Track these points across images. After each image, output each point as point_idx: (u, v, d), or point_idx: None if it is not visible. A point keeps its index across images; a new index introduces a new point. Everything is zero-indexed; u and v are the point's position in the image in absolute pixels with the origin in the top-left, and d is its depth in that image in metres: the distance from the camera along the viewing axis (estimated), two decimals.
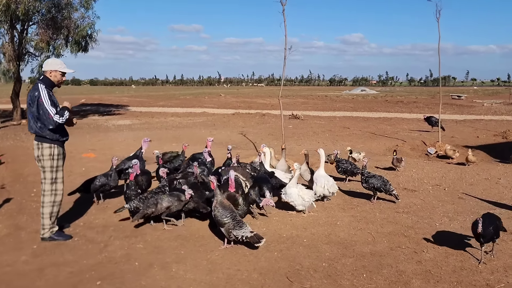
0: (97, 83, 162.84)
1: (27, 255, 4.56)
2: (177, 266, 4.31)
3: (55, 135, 4.89)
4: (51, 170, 4.93)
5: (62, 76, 5.08)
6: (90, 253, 4.63)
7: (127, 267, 4.27)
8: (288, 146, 12.96)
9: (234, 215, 4.81)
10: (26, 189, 7.49)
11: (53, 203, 5.01)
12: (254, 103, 34.05)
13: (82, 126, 18.49)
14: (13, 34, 17.95)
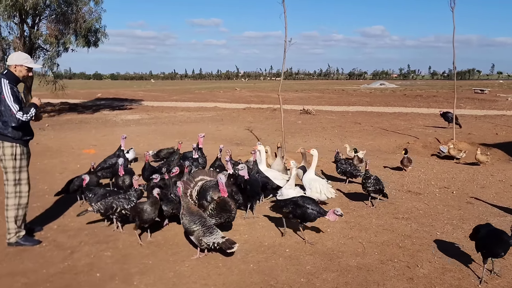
0: (118, 77, 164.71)
1: None
2: (140, 278, 3.95)
3: (17, 133, 4.58)
4: (14, 171, 4.63)
5: (28, 71, 4.76)
6: (53, 261, 4.32)
7: (86, 279, 3.93)
8: (293, 143, 12.51)
9: (204, 221, 4.43)
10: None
11: (18, 205, 4.71)
12: (268, 97, 33.52)
13: (90, 121, 18.43)
14: (23, 29, 17.93)
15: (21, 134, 4.61)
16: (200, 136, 7.54)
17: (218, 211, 4.76)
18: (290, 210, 4.86)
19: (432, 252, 4.57)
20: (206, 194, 5.27)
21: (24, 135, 4.66)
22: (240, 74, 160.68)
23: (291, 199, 5.03)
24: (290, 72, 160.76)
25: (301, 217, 4.79)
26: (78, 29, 18.07)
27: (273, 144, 10.83)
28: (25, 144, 4.71)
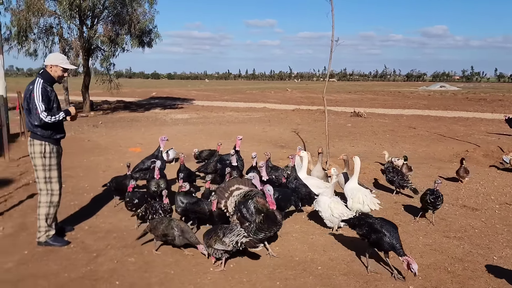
0: (174, 77, 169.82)
1: (13, 262, 4.28)
2: None
3: (46, 132, 4.57)
4: (43, 168, 4.63)
5: (64, 72, 4.76)
6: (77, 264, 4.24)
7: (104, 287, 3.80)
8: (340, 147, 11.97)
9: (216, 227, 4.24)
10: None
11: (49, 203, 4.71)
12: (319, 99, 32.78)
13: (141, 119, 18.90)
14: (82, 30, 18.74)
15: (50, 132, 4.60)
16: (238, 139, 7.30)
17: (269, 224, 4.34)
18: (363, 232, 4.25)
19: (487, 280, 3.99)
20: (249, 205, 4.67)
21: (54, 134, 4.65)
22: (293, 74, 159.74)
23: (367, 220, 4.31)
24: (344, 73, 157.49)
25: (375, 244, 4.14)
26: (132, 30, 18.60)
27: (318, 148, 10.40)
28: (55, 143, 4.69)
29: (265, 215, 4.38)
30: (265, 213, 4.41)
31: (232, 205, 4.92)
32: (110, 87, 21.18)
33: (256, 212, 4.55)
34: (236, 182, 5.18)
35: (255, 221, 4.42)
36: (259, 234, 4.36)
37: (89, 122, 17.45)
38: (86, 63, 19.98)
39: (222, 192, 5.01)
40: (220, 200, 4.94)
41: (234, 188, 5.06)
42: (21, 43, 17.19)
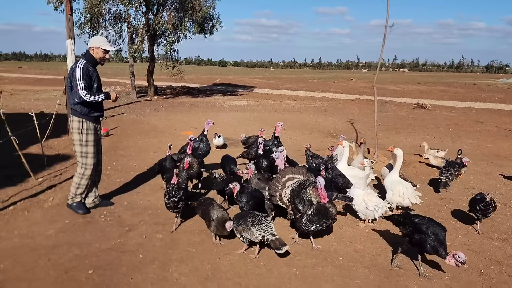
0: (241, 64, 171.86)
1: (55, 229, 4.67)
2: (177, 266, 3.90)
3: (84, 109, 4.89)
4: (80, 143, 4.98)
5: (105, 53, 5.02)
6: (109, 236, 4.52)
7: (129, 259, 4.01)
8: (395, 139, 11.50)
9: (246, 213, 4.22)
10: (107, 162, 7.87)
11: (82, 175, 5.08)
12: (383, 89, 31.51)
13: (200, 105, 19.42)
14: (148, 17, 19.53)
15: (88, 110, 4.91)
16: (278, 125, 7.26)
17: (319, 217, 4.18)
18: (407, 232, 3.98)
19: None
20: (302, 196, 4.44)
21: (91, 112, 4.96)
22: (361, 64, 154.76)
23: (412, 219, 4.01)
24: (417, 63, 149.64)
25: (417, 245, 3.85)
26: (194, 17, 19.05)
27: (371, 139, 10.07)
28: (92, 120, 5.01)
29: (316, 207, 4.22)
30: (315, 205, 4.25)
31: (287, 196, 4.71)
32: (174, 73, 21.93)
33: (310, 203, 4.35)
34: (289, 171, 4.87)
35: (306, 212, 4.28)
36: (310, 226, 4.23)
37: (152, 106, 18.26)
38: (151, 49, 20.81)
39: (274, 185, 4.79)
40: (274, 193, 4.75)
41: (286, 179, 4.79)
42: (93, 29, 18.32)
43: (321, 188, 4.15)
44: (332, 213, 4.18)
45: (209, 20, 20.44)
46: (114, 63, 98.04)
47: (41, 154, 7.62)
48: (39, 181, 6.46)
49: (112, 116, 14.44)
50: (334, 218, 4.23)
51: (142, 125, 13.02)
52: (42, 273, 3.73)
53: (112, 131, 11.26)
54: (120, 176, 6.97)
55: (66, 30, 13.19)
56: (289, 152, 8.63)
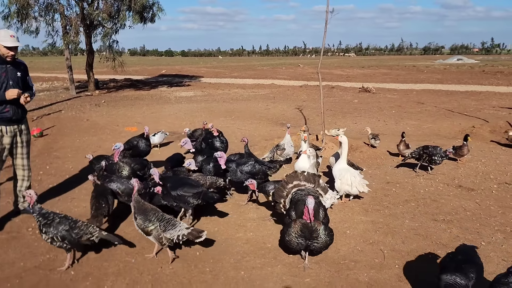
0: (188, 54, 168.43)
1: None
2: (114, 279, 3.56)
3: None
4: None
5: (8, 50, 4.36)
6: (37, 252, 4.08)
7: (58, 277, 3.62)
8: (342, 124, 11.58)
9: (160, 215, 3.84)
10: (39, 166, 7.28)
11: None
12: (330, 74, 32.01)
13: (145, 98, 18.67)
14: (82, 6, 18.38)
15: None
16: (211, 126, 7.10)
17: (302, 234, 3.62)
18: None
19: None
20: (298, 207, 3.88)
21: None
22: (308, 50, 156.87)
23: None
24: (360, 47, 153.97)
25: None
26: (133, 6, 18.14)
27: (319, 126, 10.05)
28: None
29: (300, 223, 3.63)
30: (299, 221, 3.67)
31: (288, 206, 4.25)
32: (114, 65, 20.90)
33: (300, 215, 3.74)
34: (296, 178, 4.34)
35: (292, 225, 3.68)
36: (297, 239, 3.64)
37: (92, 101, 17.32)
38: (88, 41, 19.68)
39: (280, 191, 4.33)
40: (279, 200, 4.30)
41: (292, 185, 4.30)
42: (21, 21, 16.94)
43: (308, 208, 3.56)
44: (315, 233, 3.61)
45: (149, 8, 19.59)
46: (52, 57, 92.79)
47: None
48: None
49: (48, 114, 13.49)
50: (319, 239, 3.63)
51: (82, 122, 12.24)
52: None
53: (47, 131, 10.47)
54: (54, 180, 6.42)
55: None
56: (238, 144, 8.41)
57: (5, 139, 4.60)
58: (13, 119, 4.60)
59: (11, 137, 4.64)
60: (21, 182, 4.94)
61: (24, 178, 4.94)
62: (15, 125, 4.66)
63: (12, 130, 4.63)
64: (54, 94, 19.56)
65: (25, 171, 4.93)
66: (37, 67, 46.13)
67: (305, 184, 4.30)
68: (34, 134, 9.62)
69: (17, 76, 4.57)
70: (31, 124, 11.09)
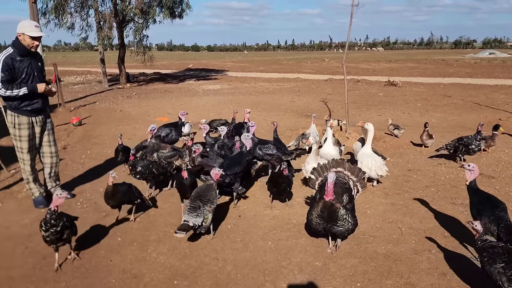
0: (214, 49, 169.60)
1: (30, 218, 4.68)
2: (155, 246, 4.00)
3: (13, 103, 4.59)
4: (14, 138, 4.76)
5: (32, 40, 4.51)
6: (87, 221, 4.55)
7: (107, 242, 4.09)
8: (366, 116, 11.77)
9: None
10: (81, 151, 7.84)
11: (23, 170, 4.93)
12: (356, 68, 31.90)
13: (173, 90, 19.25)
14: (115, 2, 19.06)
15: (17, 103, 4.59)
16: (246, 112, 7.38)
17: (321, 214, 3.69)
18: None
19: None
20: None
21: (22, 105, 4.63)
22: (334, 44, 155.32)
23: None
24: (388, 41, 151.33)
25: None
26: (163, 1, 18.71)
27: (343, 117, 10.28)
28: (26, 114, 4.69)
29: (322, 203, 3.72)
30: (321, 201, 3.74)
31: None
32: (144, 59, 21.59)
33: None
34: (341, 166, 4.39)
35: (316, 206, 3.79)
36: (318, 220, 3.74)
37: (124, 93, 18.01)
38: (121, 36, 20.40)
39: (322, 170, 4.43)
40: (317, 177, 4.42)
41: (335, 171, 4.32)
42: (58, 17, 17.78)
43: (329, 183, 3.65)
44: (337, 214, 3.66)
45: (179, 4, 20.13)
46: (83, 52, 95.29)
47: (11, 146, 7.48)
48: (11, 173, 6.40)
49: (84, 105, 14.19)
50: (339, 221, 3.67)
51: (115, 113, 12.86)
52: (20, 260, 3.77)
53: (85, 120, 11.11)
54: (95, 163, 6.96)
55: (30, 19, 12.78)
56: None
57: (36, 128, 4.85)
58: (41, 110, 4.85)
59: (40, 127, 4.88)
60: (49, 169, 5.11)
61: (52, 165, 5.11)
62: (42, 115, 4.89)
63: (41, 119, 4.86)
64: (88, 87, 20.42)
65: (53, 158, 5.10)
66: (70, 61, 47.77)
67: (348, 174, 4.33)
68: (74, 123, 10.27)
69: (39, 67, 4.77)
70: (69, 115, 11.89)
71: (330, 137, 6.09)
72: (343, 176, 4.26)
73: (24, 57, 4.57)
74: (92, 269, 3.61)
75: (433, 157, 7.19)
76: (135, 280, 3.45)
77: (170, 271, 3.57)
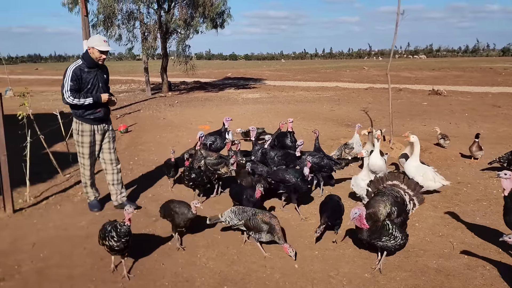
0: (251, 57, 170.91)
1: (86, 221, 4.92)
2: (204, 251, 4.10)
3: (78, 111, 4.86)
4: (77, 144, 5.01)
5: (101, 53, 4.80)
6: (138, 226, 4.73)
7: (158, 246, 4.23)
8: (410, 126, 11.53)
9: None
10: (129, 157, 8.14)
11: (83, 174, 5.16)
12: (397, 76, 31.27)
13: (214, 99, 19.62)
14: (160, 14, 19.76)
15: (81, 112, 4.86)
16: (289, 121, 7.42)
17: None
18: None
19: None
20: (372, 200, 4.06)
21: (86, 114, 4.88)
22: (373, 52, 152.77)
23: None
24: (430, 49, 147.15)
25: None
26: (206, 12, 19.19)
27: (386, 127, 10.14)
28: (89, 122, 4.93)
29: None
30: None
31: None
32: (186, 69, 22.17)
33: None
34: (398, 179, 4.29)
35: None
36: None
37: (167, 101, 18.53)
38: (164, 46, 21.06)
39: (378, 182, 4.37)
40: (374, 190, 4.32)
41: (391, 184, 4.27)
42: (107, 29, 18.63)
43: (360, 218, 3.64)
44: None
45: (220, 15, 20.56)
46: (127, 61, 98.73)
47: (66, 151, 7.91)
48: (66, 177, 6.74)
49: (129, 113, 14.74)
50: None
51: (159, 120, 13.26)
52: (79, 260, 3.97)
53: (131, 128, 11.52)
54: (143, 170, 7.21)
55: (82, 31, 13.46)
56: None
57: (97, 136, 5.08)
58: (103, 119, 5.09)
59: (101, 135, 5.11)
60: (111, 175, 5.28)
61: (114, 171, 5.29)
62: (104, 124, 5.13)
63: (102, 128, 5.09)
64: (132, 95, 21.18)
65: (113, 164, 5.27)
66: (115, 70, 49.60)
67: (404, 188, 4.21)
68: (121, 130, 10.68)
69: (104, 79, 5.05)
70: (116, 122, 12.38)
71: (377, 149, 5.92)
72: (397, 190, 4.18)
73: (91, 68, 4.85)
74: (146, 271, 3.76)
75: (484, 170, 6.94)
76: (187, 284, 3.56)
77: (220, 276, 3.65)
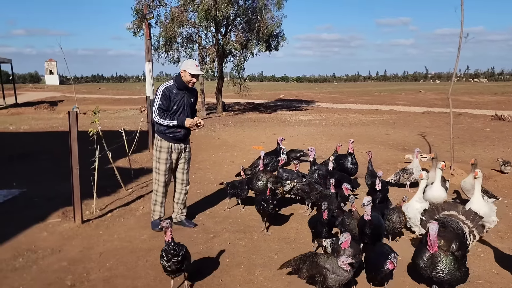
0: (303, 80, 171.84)
1: (148, 235, 5.15)
2: (262, 270, 4.16)
3: (160, 128, 5.11)
4: (155, 159, 5.22)
5: (191, 77, 5.03)
6: (197, 242, 4.89)
7: (216, 262, 4.34)
8: (471, 152, 11.05)
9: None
10: None
11: (156, 191, 5.33)
12: (456, 100, 30.00)
13: (266, 120, 19.89)
14: (217, 37, 20.56)
15: (162, 129, 5.10)
16: (350, 142, 7.40)
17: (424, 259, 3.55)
18: None
19: None
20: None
21: (166, 132, 5.11)
22: (430, 75, 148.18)
23: None
24: (492, 72, 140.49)
25: None
26: (260, 35, 19.73)
27: (445, 152, 9.81)
28: (168, 140, 5.14)
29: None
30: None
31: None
32: (240, 90, 22.74)
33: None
34: (455, 209, 4.24)
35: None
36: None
37: (221, 122, 19.03)
38: (220, 68, 21.81)
39: (433, 212, 4.33)
40: (428, 220, 4.15)
41: (448, 214, 4.22)
42: (167, 51, 19.66)
43: (431, 236, 3.49)
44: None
45: (275, 37, 21.03)
46: None
47: (128, 167, 8.34)
48: (129, 192, 7.11)
49: None
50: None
51: (214, 140, 13.63)
52: (142, 272, 4.17)
53: None
54: (200, 187, 7.44)
55: (145, 53, 14.25)
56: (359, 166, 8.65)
57: (173, 155, 5.27)
58: (182, 139, 5.29)
59: (177, 154, 5.30)
60: (179, 195, 5.48)
61: (182, 191, 5.48)
62: (181, 144, 5.32)
63: (179, 147, 5.28)
64: None
65: (183, 184, 5.47)
66: None
67: (462, 219, 4.08)
68: None
69: (190, 102, 5.28)
70: None
71: (439, 179, 5.62)
72: (456, 221, 4.03)
73: (180, 90, 5.11)
74: (205, 286, 3.87)
75: None
76: None
77: None
